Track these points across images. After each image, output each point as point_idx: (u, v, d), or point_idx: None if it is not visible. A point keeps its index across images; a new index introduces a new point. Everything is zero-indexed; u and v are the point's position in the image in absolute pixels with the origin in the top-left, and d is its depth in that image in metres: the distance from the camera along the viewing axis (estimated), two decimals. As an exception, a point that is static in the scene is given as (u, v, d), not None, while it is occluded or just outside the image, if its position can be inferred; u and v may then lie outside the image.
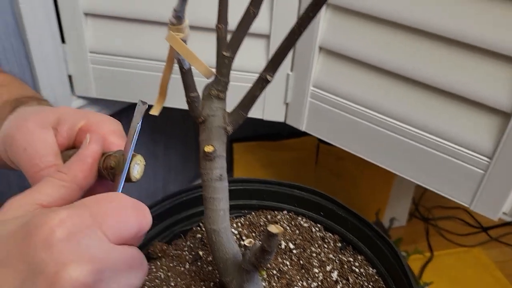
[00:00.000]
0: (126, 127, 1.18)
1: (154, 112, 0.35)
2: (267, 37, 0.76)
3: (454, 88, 0.64)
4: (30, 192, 0.30)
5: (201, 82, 0.34)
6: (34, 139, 0.36)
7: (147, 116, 1.08)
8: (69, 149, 0.39)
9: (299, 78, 0.79)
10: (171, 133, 1.20)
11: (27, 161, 0.35)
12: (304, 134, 0.85)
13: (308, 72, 0.77)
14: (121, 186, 0.35)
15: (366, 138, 0.75)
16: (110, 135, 0.39)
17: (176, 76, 0.34)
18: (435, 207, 1.41)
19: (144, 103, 0.34)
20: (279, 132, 1.22)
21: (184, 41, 0.30)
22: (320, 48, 0.76)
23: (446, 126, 0.67)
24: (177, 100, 0.35)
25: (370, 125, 0.74)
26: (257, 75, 0.85)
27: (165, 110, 0.35)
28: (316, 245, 0.40)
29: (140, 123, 0.35)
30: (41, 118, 0.37)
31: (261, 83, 0.33)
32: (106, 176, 0.36)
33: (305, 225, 0.42)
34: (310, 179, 1.28)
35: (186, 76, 0.33)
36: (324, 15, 0.73)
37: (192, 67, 0.32)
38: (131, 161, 0.35)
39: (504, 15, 0.56)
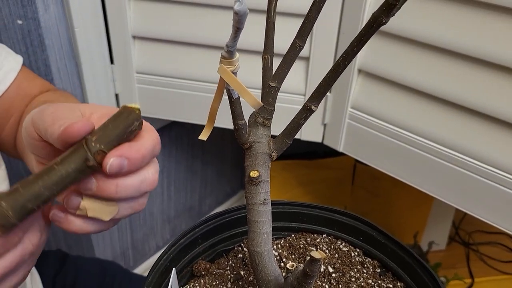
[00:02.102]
0: (166, 142, 1.21)
1: (203, 137, 0.37)
2: (306, 59, 0.78)
3: (497, 113, 0.63)
4: None
5: (246, 107, 0.35)
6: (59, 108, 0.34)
7: (186, 133, 1.12)
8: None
9: (337, 99, 0.80)
10: (208, 149, 1.23)
11: (50, 119, 0.32)
12: (341, 153, 0.85)
13: (347, 93, 0.78)
14: None
15: (405, 160, 0.75)
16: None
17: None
18: (476, 231, 1.36)
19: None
20: (315, 151, 1.22)
21: (234, 73, 0.32)
22: (359, 70, 0.77)
23: (489, 151, 0.65)
24: (218, 119, 0.37)
25: (409, 148, 0.74)
26: (295, 96, 0.86)
27: (203, 127, 0.37)
28: (355, 270, 0.41)
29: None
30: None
31: (306, 112, 0.34)
32: None
33: (345, 249, 0.43)
34: (346, 199, 1.27)
35: (234, 105, 0.34)
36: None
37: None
38: None
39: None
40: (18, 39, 0.76)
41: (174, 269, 0.36)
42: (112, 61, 0.86)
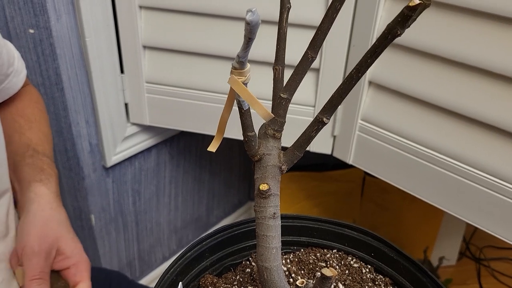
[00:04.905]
0: (175, 152, 1.21)
1: (212, 148, 0.36)
2: (316, 70, 0.78)
3: (508, 126, 0.62)
4: None
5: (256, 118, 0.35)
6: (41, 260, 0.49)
7: (195, 143, 1.12)
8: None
9: (347, 111, 0.79)
10: (216, 160, 1.23)
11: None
12: (350, 166, 0.84)
13: (357, 105, 0.77)
14: None
15: (415, 173, 0.74)
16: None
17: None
18: (487, 247, 1.34)
19: None
20: (324, 163, 1.21)
21: (245, 84, 0.32)
22: (370, 82, 0.76)
23: (499, 164, 0.64)
24: (226, 130, 0.36)
25: (419, 161, 0.73)
26: (305, 108, 0.85)
27: (211, 138, 0.36)
28: (367, 287, 0.39)
29: None
30: (54, 247, 0.51)
31: (317, 125, 0.33)
32: None
33: (355, 265, 0.42)
34: (355, 212, 1.26)
35: (244, 116, 0.34)
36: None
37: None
38: None
39: None
40: (30, 48, 0.76)
41: (180, 283, 0.36)
42: (122, 71, 0.87)
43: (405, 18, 0.28)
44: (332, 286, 0.39)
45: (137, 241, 1.11)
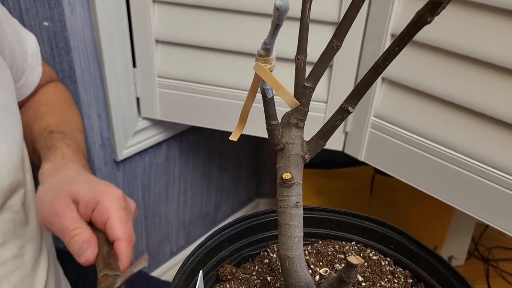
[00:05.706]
0: (185, 147, 1.20)
1: (233, 137, 0.36)
2: (329, 66, 0.77)
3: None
4: None
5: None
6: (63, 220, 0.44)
7: (204, 139, 1.12)
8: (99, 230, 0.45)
9: (359, 108, 0.78)
10: (225, 156, 1.23)
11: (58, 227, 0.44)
12: (359, 163, 0.84)
13: (370, 102, 0.77)
14: None
15: (427, 170, 0.74)
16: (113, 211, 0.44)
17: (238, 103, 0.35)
18: (495, 247, 1.33)
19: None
20: (332, 160, 1.21)
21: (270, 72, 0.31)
22: (383, 79, 0.76)
23: (511, 161, 0.64)
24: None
25: (432, 157, 0.72)
26: (317, 104, 0.84)
27: (221, 133, 0.36)
28: (386, 280, 0.39)
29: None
30: (66, 201, 0.45)
31: (342, 113, 0.33)
32: None
33: (374, 257, 0.41)
34: (364, 210, 1.25)
35: (268, 104, 0.34)
36: (386, 46, 0.73)
37: (275, 96, 0.33)
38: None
39: None
40: (44, 41, 0.76)
41: (201, 271, 0.35)
42: (134, 65, 0.87)
43: (435, 5, 0.27)
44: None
45: (146, 235, 1.11)
